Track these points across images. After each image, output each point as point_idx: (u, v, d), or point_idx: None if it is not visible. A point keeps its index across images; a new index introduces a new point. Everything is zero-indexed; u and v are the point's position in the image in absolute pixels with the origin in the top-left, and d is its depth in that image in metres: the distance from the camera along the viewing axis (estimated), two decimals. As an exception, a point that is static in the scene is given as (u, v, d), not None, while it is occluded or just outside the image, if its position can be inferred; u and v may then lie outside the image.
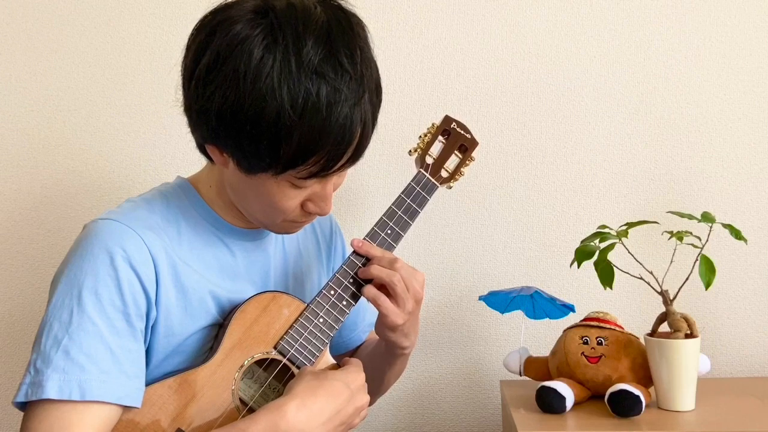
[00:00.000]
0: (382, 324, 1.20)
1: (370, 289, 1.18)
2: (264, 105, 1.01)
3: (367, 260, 1.21)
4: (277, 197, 1.10)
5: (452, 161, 1.32)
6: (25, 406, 1.04)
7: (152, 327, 1.10)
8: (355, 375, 1.13)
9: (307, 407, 1.05)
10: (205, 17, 1.09)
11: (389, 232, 1.24)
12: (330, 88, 1.02)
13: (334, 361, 1.21)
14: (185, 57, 1.10)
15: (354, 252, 1.22)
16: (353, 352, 1.42)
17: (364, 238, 1.22)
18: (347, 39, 1.05)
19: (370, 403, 1.43)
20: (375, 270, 1.18)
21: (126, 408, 1.06)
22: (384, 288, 1.19)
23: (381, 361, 1.31)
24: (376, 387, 1.37)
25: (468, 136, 1.33)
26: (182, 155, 1.17)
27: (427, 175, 1.29)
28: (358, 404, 1.11)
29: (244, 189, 1.12)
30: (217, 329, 1.16)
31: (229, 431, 1.04)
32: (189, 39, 1.11)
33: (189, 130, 1.14)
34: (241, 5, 1.06)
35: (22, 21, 1.72)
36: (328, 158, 1.05)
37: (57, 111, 1.73)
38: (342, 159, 1.06)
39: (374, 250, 1.21)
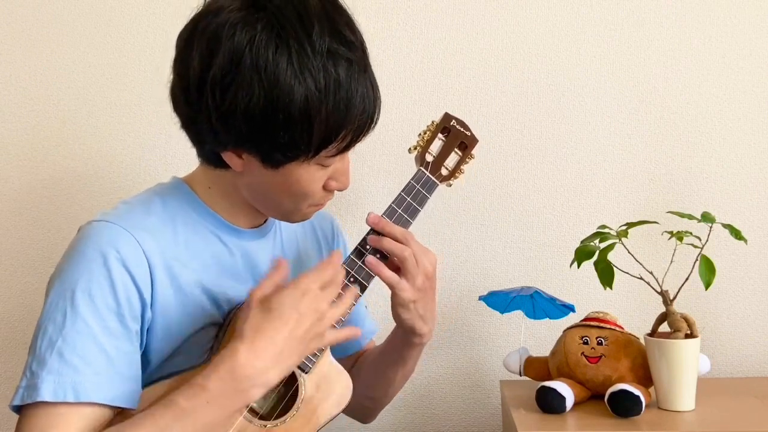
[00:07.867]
0: (395, 303, 1.21)
1: (372, 259, 1.19)
2: (292, 93, 1.03)
3: (372, 253, 1.21)
4: (307, 183, 1.12)
5: (452, 159, 1.31)
6: (20, 410, 1.04)
7: (149, 328, 1.10)
8: (305, 283, 1.06)
9: (256, 345, 1.02)
10: (196, 24, 1.08)
11: None
12: (345, 63, 1.06)
13: (336, 362, 1.20)
14: (183, 69, 1.08)
15: (351, 253, 1.21)
16: (352, 361, 1.41)
17: (368, 234, 1.22)
18: (340, 13, 1.09)
19: (378, 412, 1.41)
20: (387, 243, 1.19)
21: (123, 410, 1.05)
22: (394, 265, 1.20)
23: (395, 355, 1.30)
24: (384, 389, 1.36)
25: (468, 133, 1.32)
26: (182, 155, 1.17)
27: (427, 173, 1.28)
28: (311, 313, 1.05)
29: (269, 186, 1.13)
30: (218, 329, 1.16)
31: (188, 390, 1.00)
32: (181, 50, 1.09)
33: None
34: (228, 5, 1.06)
35: (22, 21, 1.72)
36: (355, 129, 1.08)
37: (57, 111, 1.73)
38: (366, 126, 1.10)
39: (390, 228, 1.21)
